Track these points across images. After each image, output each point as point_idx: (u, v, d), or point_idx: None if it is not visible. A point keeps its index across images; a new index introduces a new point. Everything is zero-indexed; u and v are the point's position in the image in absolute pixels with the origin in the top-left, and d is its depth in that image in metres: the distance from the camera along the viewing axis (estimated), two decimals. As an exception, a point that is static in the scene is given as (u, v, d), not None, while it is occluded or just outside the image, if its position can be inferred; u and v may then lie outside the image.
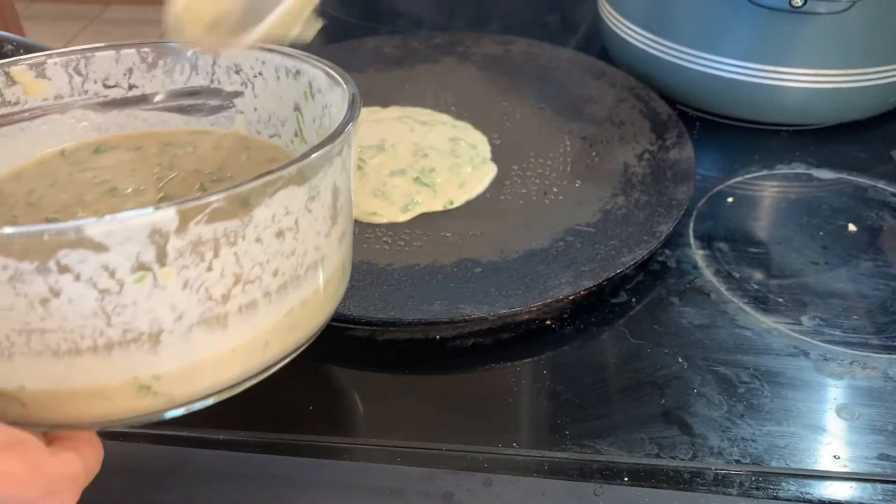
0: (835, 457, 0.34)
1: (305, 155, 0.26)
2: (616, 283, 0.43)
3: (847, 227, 0.48)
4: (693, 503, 0.33)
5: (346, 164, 0.30)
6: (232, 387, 0.28)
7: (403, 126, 0.55)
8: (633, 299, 0.43)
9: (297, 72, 0.35)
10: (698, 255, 0.46)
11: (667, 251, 0.46)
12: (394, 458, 0.34)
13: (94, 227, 0.22)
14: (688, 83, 0.56)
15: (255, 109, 0.38)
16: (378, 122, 0.56)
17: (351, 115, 0.30)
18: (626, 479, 0.33)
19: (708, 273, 0.44)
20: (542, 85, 0.60)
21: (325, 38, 0.75)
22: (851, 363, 0.39)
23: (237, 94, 0.38)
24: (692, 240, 0.47)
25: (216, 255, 0.24)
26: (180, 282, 0.24)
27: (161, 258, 0.23)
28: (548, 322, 0.41)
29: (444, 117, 0.57)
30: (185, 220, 0.23)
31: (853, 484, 0.33)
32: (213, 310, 0.25)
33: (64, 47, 0.37)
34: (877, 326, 0.41)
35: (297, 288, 0.28)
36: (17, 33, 0.44)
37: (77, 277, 0.23)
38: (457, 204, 0.48)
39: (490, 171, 0.51)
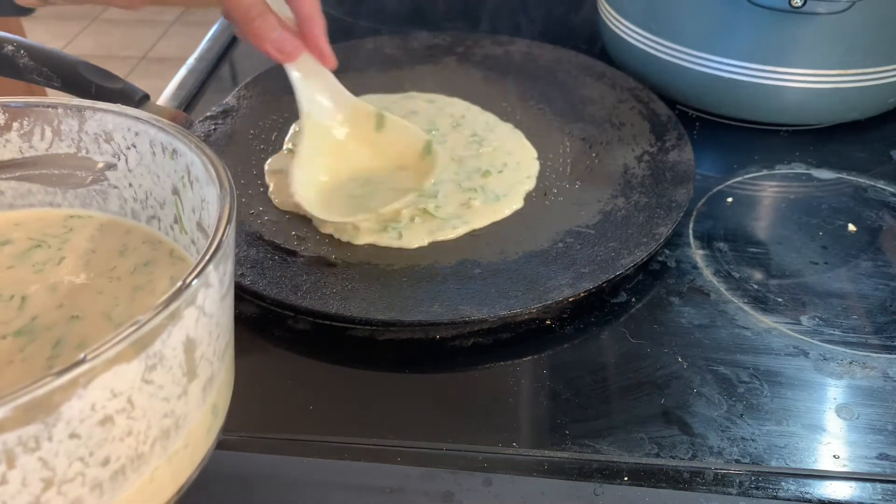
0: (834, 456, 0.34)
1: (135, 325, 0.20)
2: (616, 284, 0.43)
3: (847, 227, 0.48)
4: (693, 503, 0.33)
5: (209, 305, 0.24)
6: None
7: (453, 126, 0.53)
8: (633, 299, 0.43)
9: (174, 151, 0.30)
10: (698, 255, 0.46)
11: (666, 251, 0.46)
12: (394, 458, 0.34)
13: None
14: (688, 83, 0.57)
15: (130, 185, 0.32)
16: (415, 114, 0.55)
17: (215, 247, 0.23)
18: (625, 478, 0.33)
19: (707, 273, 0.44)
20: (542, 85, 0.60)
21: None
22: (851, 363, 0.39)
23: (109, 166, 0.33)
24: (692, 240, 0.47)
25: (11, 466, 0.19)
26: None
27: None
28: (548, 322, 0.41)
29: (500, 122, 0.56)
30: None
31: (853, 483, 0.33)
32: None
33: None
34: (876, 326, 0.41)
35: (142, 466, 0.23)
36: (17, 33, 0.44)
37: None
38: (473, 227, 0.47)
39: (516, 203, 0.48)
